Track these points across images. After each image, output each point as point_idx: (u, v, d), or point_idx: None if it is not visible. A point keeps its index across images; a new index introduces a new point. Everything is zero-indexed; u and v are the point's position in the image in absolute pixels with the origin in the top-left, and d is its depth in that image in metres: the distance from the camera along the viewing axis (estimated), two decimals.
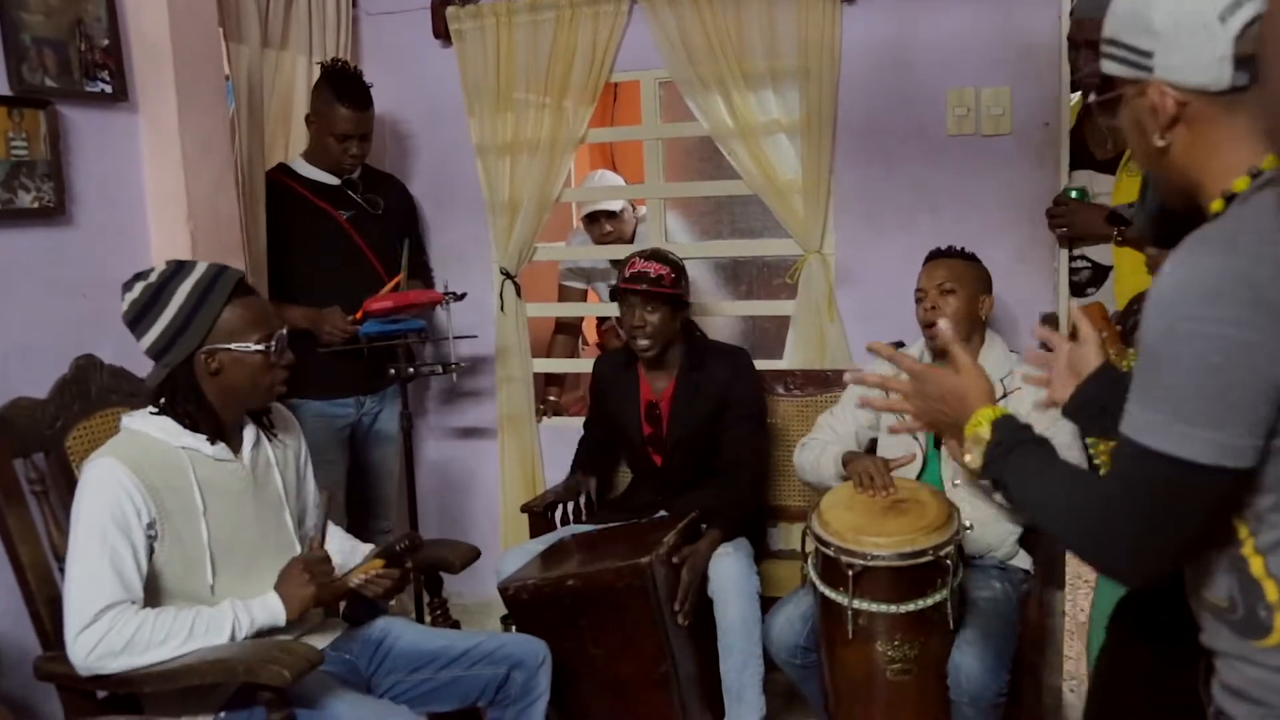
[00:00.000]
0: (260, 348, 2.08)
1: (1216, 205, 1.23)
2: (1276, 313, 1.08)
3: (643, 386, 3.13)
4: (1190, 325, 1.11)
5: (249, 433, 2.21)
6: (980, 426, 1.40)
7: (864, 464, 2.67)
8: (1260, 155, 1.20)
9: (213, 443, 2.09)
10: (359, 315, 3.19)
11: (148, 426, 2.07)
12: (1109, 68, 1.31)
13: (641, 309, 2.97)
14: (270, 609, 2.06)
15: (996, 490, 1.41)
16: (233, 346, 2.06)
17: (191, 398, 2.07)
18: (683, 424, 3.07)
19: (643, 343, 3.00)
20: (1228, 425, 1.11)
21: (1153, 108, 1.25)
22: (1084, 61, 2.95)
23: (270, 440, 2.26)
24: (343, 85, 3.22)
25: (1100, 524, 1.22)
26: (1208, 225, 1.19)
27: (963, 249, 2.83)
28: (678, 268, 3.05)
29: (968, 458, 1.42)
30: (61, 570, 2.05)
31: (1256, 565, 1.17)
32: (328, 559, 2.18)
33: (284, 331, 2.15)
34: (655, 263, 3.02)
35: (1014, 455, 1.35)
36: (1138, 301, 2.39)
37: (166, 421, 2.07)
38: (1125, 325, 2.78)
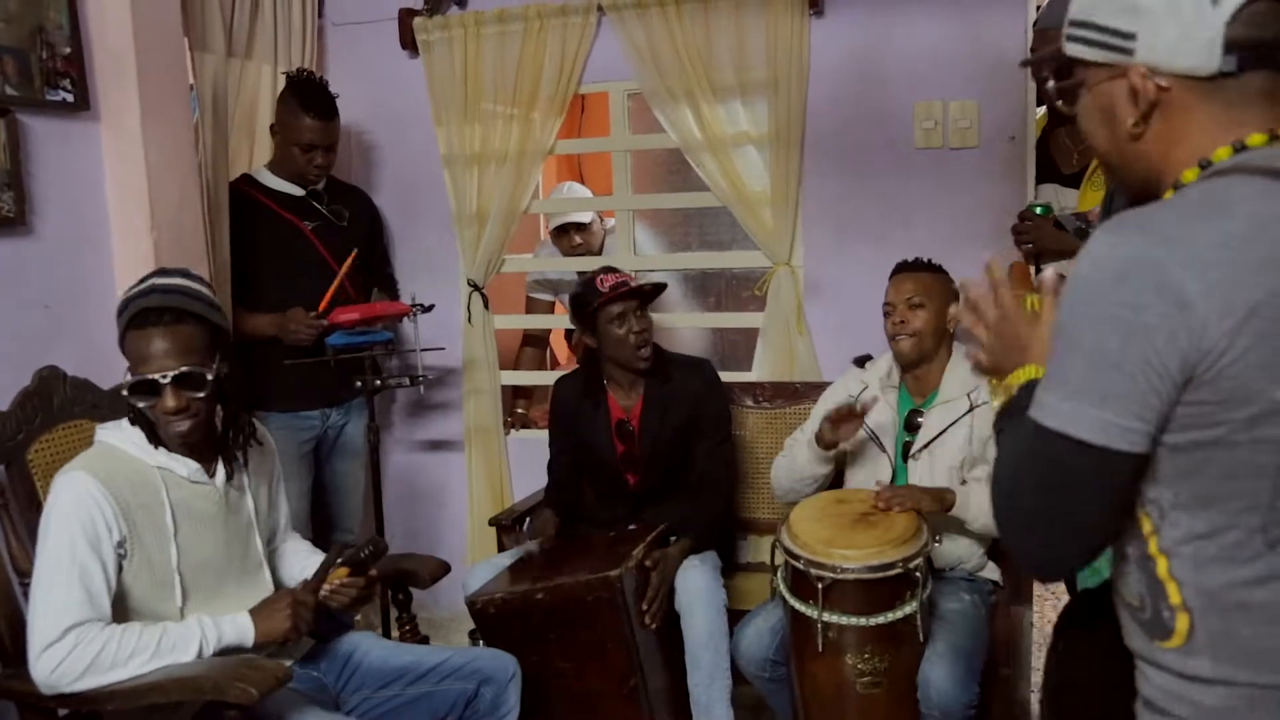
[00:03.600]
0: (125, 383, 1.98)
1: (1168, 196, 1.20)
2: (1178, 298, 1.06)
3: (611, 405, 3.08)
4: (1093, 307, 1.10)
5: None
6: (1016, 380, 1.36)
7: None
8: (1217, 144, 1.17)
9: (155, 446, 2.04)
10: (322, 307, 3.16)
11: (123, 441, 2.03)
12: (1076, 51, 1.26)
13: (633, 316, 2.94)
14: (239, 628, 2.03)
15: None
16: (126, 376, 2.00)
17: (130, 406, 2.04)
18: (656, 438, 3.04)
19: (646, 350, 2.97)
20: (1117, 405, 1.09)
21: (1133, 92, 1.20)
22: (1047, 73, 2.97)
23: (244, 468, 2.21)
24: (308, 95, 3.20)
25: (1007, 504, 1.22)
26: (1134, 209, 1.16)
27: (929, 260, 2.82)
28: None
29: (995, 403, 1.39)
30: (22, 585, 2.01)
31: (1161, 566, 1.17)
32: (313, 606, 2.14)
33: (164, 379, 1.96)
34: (619, 272, 3.02)
35: (1016, 420, 1.29)
36: None
37: (141, 437, 2.03)
38: None
